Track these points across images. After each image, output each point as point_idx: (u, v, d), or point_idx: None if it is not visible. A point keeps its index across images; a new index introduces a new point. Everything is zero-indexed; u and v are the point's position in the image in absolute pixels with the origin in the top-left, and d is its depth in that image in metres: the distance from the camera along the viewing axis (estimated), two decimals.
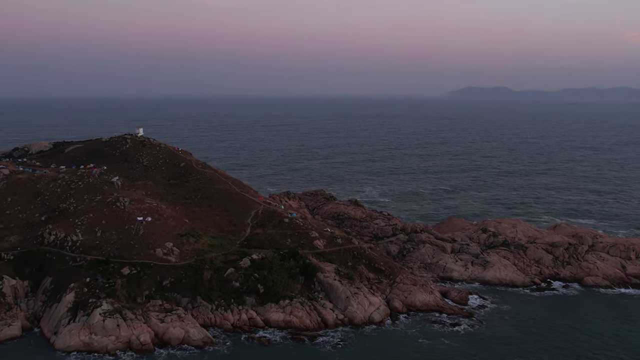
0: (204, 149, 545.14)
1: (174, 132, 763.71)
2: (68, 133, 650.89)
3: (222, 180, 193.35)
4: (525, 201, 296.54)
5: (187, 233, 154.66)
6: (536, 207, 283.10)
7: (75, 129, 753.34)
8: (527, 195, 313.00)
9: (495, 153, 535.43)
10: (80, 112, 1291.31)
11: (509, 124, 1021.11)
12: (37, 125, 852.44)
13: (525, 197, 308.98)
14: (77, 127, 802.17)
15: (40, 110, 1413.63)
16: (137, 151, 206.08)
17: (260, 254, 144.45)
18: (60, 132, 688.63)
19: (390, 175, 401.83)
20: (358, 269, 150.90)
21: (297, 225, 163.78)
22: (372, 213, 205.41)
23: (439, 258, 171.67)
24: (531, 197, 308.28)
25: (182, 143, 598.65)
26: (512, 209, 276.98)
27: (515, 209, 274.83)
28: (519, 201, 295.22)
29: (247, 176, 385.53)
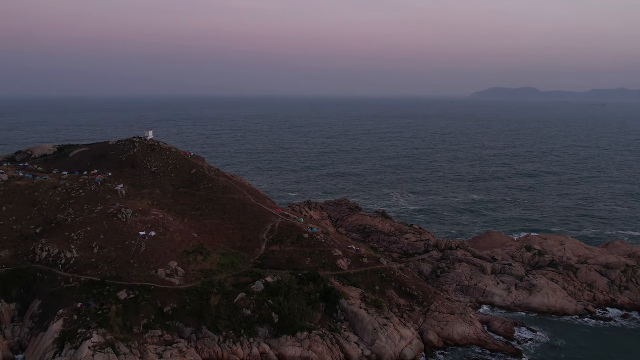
0: (226, 150, 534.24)
1: (199, 130, 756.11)
2: (95, 134, 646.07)
3: (237, 189, 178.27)
4: (570, 212, 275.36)
5: (195, 250, 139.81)
6: (583, 220, 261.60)
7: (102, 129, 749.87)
8: (572, 207, 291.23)
9: (529, 158, 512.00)
10: (115, 112, 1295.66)
11: (540, 126, 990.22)
12: (60, 124, 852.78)
13: (570, 208, 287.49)
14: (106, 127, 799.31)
15: (67, 109, 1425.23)
16: (145, 156, 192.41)
17: (276, 277, 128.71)
18: (84, 132, 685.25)
19: (419, 181, 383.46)
20: (387, 294, 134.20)
21: (318, 241, 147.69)
22: (401, 226, 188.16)
23: (477, 280, 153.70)
24: (576, 208, 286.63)
25: (207, 143, 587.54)
26: (555, 221, 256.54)
27: (558, 222, 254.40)
28: (562, 213, 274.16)
29: (268, 180, 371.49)
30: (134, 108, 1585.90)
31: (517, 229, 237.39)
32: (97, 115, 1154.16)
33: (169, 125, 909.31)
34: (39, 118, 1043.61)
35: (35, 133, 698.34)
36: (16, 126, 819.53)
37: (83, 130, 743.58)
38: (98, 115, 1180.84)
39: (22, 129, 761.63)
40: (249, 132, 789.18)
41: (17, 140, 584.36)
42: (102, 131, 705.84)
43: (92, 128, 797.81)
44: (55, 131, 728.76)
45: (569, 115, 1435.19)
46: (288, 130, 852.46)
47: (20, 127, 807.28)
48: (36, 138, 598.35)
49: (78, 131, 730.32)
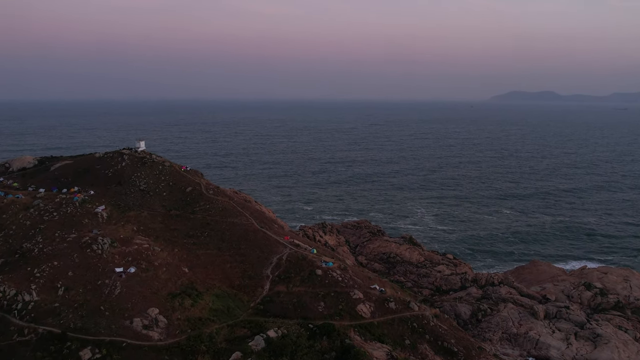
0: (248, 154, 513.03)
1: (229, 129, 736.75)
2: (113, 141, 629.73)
3: (238, 211, 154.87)
4: (624, 234, 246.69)
5: (183, 291, 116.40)
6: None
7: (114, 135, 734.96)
8: (626, 227, 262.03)
9: (557, 167, 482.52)
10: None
11: (567, 131, 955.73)
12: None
13: (624, 229, 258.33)
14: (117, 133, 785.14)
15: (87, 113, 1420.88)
16: (134, 171, 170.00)
17: (281, 329, 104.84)
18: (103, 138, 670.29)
19: (444, 195, 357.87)
20: (420, 350, 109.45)
21: (334, 280, 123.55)
22: (432, 256, 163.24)
23: (528, 326, 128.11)
24: (631, 230, 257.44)
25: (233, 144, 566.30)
26: (608, 244, 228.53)
27: (612, 245, 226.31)
28: (616, 235, 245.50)
29: (283, 193, 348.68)
30: (145, 112, 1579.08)
31: (563, 254, 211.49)
32: (113, 119, 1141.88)
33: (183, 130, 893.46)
34: (42, 123, 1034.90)
35: (31, 137, 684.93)
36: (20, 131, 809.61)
37: (93, 134, 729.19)
38: (115, 119, 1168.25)
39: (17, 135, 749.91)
40: (264, 137, 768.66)
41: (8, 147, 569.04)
42: (112, 136, 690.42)
43: (107, 132, 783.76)
44: (59, 136, 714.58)
45: (603, 121, 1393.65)
46: (306, 134, 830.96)
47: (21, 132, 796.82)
48: (24, 145, 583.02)
49: (89, 135, 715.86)
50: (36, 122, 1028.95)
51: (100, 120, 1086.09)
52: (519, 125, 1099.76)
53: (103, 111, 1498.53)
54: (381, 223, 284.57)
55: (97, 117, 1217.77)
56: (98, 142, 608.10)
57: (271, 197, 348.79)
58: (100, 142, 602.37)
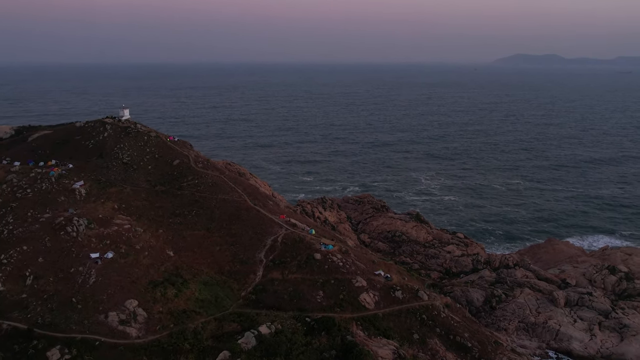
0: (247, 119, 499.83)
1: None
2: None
3: (230, 187, 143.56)
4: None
5: (166, 279, 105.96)
6: None
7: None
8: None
9: (575, 134, 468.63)
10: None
11: (574, 96, 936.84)
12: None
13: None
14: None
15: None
16: (117, 142, 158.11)
17: (275, 324, 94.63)
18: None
19: (450, 163, 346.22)
20: (429, 345, 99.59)
21: (334, 265, 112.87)
22: (441, 234, 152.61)
23: (547, 315, 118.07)
24: None
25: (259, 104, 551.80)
26: (629, 216, 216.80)
27: (633, 217, 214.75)
28: (634, 205, 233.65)
29: (283, 162, 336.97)
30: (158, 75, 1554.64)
31: (580, 228, 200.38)
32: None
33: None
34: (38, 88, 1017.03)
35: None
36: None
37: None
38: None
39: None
40: (265, 101, 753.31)
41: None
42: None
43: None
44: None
45: (611, 85, 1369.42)
46: (306, 98, 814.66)
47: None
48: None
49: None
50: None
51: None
52: (526, 90, 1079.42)
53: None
54: (385, 193, 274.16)
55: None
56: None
57: (270, 165, 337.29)
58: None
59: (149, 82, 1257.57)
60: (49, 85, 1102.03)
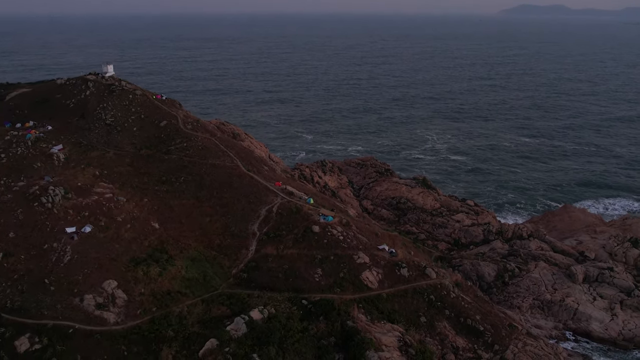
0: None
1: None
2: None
3: (221, 151, 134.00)
4: None
5: (150, 256, 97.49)
6: None
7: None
8: None
9: (587, 90, 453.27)
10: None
11: (583, 49, 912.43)
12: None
13: None
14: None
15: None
16: (100, 101, 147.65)
17: (267, 308, 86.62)
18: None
19: (457, 119, 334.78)
20: (438, 329, 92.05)
21: (334, 239, 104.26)
22: (450, 201, 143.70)
23: (564, 292, 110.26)
24: None
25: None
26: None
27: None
28: None
29: (283, 119, 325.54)
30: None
31: (596, 193, 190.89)
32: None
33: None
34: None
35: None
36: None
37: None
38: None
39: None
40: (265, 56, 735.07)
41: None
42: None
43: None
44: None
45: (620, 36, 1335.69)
46: (308, 50, 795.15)
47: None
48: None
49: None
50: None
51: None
52: (532, 43, 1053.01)
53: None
54: (389, 152, 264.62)
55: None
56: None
57: (269, 123, 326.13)
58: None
59: (149, 34, 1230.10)
60: (51, 38, 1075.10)
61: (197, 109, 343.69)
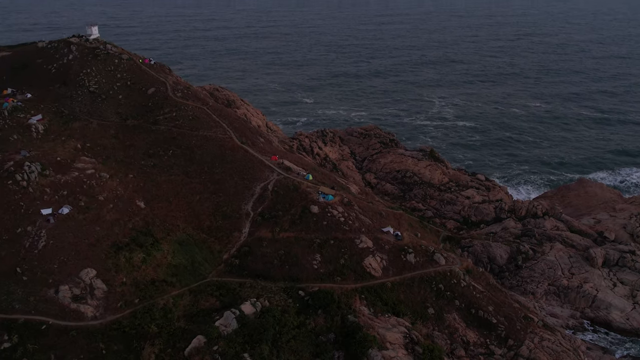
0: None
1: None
2: None
3: (213, 121, 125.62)
4: None
5: (133, 240, 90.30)
6: None
7: None
8: None
9: (606, 53, 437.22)
10: None
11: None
12: None
13: None
14: None
15: None
16: (83, 66, 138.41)
17: (261, 300, 79.68)
18: None
19: (463, 81, 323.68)
20: (447, 322, 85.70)
21: (335, 220, 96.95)
22: (459, 176, 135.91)
23: (582, 277, 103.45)
24: None
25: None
26: None
27: None
28: None
29: (283, 83, 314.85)
30: None
31: (612, 162, 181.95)
32: None
33: None
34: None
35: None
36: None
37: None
38: None
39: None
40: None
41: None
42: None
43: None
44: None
45: None
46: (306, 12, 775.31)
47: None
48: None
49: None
50: None
51: None
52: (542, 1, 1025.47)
53: None
54: (393, 118, 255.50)
55: None
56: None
57: (268, 87, 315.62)
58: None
59: None
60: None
61: (193, 73, 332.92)
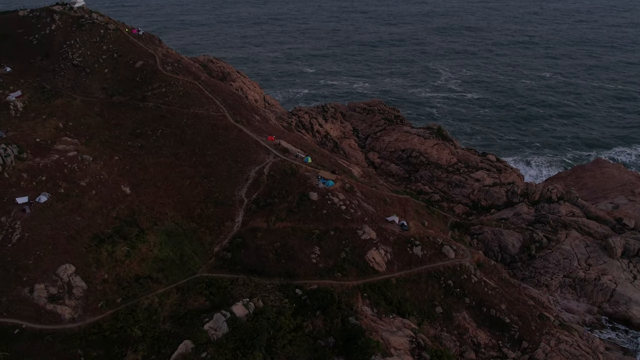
0: None
1: None
2: None
3: (206, 97, 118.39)
4: None
5: (117, 231, 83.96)
6: None
7: None
8: None
9: (623, 21, 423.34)
10: None
11: None
12: None
13: None
14: None
15: None
16: (67, 37, 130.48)
17: (254, 300, 73.66)
18: None
19: (470, 51, 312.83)
20: (456, 322, 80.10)
21: (335, 209, 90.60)
22: (468, 156, 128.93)
23: (600, 268, 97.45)
24: None
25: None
26: None
27: None
28: None
29: (283, 52, 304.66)
30: None
31: (630, 137, 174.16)
32: None
33: None
34: None
35: None
36: None
37: None
38: None
39: None
40: None
41: None
42: None
43: None
44: None
45: None
46: None
47: None
48: None
49: None
50: None
51: None
52: None
53: None
54: (397, 89, 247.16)
55: None
56: None
57: (267, 56, 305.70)
58: None
59: None
60: None
61: (186, 43, 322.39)
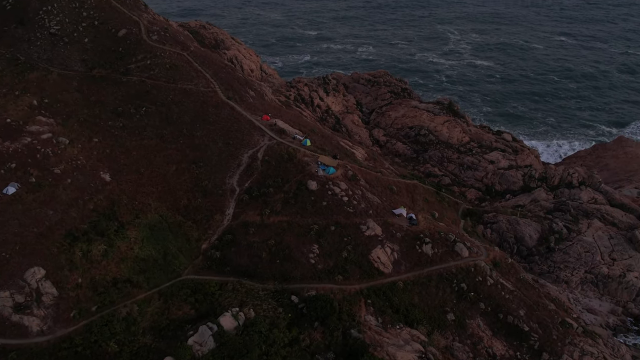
0: None
1: None
2: None
3: (195, 70, 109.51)
4: None
5: (93, 227, 76.39)
6: None
7: None
8: None
9: None
10: None
11: None
12: None
13: None
14: None
15: None
16: (43, 3, 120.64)
17: (244, 310, 66.82)
18: None
19: (481, 13, 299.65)
20: (470, 330, 73.54)
21: (337, 200, 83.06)
22: (481, 134, 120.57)
23: (625, 264, 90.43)
24: None
25: None
26: None
27: None
28: None
29: (284, 15, 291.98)
30: None
31: None
32: None
33: None
34: None
35: None
36: None
37: None
38: None
39: None
40: None
41: None
42: None
43: None
44: None
45: None
46: None
47: None
48: None
49: None
50: None
51: None
52: None
53: None
54: (403, 55, 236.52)
55: None
56: None
57: (268, 15, 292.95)
58: None
59: None
60: None
61: (179, 5, 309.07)
